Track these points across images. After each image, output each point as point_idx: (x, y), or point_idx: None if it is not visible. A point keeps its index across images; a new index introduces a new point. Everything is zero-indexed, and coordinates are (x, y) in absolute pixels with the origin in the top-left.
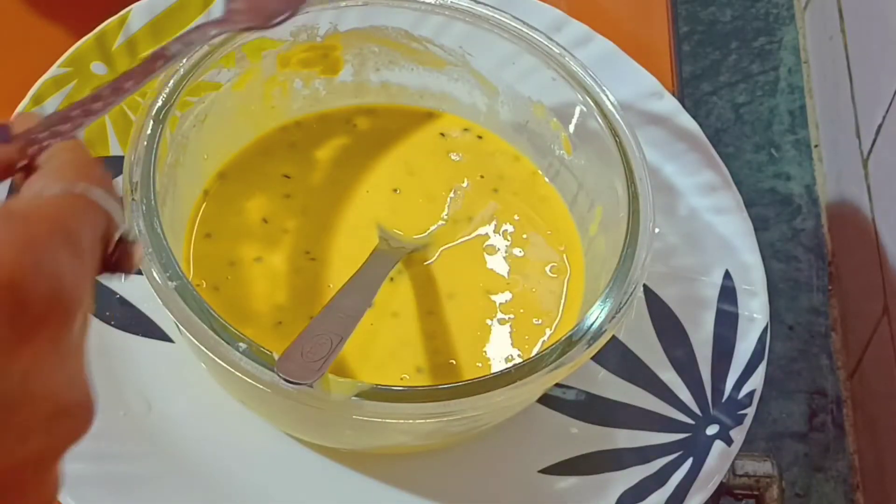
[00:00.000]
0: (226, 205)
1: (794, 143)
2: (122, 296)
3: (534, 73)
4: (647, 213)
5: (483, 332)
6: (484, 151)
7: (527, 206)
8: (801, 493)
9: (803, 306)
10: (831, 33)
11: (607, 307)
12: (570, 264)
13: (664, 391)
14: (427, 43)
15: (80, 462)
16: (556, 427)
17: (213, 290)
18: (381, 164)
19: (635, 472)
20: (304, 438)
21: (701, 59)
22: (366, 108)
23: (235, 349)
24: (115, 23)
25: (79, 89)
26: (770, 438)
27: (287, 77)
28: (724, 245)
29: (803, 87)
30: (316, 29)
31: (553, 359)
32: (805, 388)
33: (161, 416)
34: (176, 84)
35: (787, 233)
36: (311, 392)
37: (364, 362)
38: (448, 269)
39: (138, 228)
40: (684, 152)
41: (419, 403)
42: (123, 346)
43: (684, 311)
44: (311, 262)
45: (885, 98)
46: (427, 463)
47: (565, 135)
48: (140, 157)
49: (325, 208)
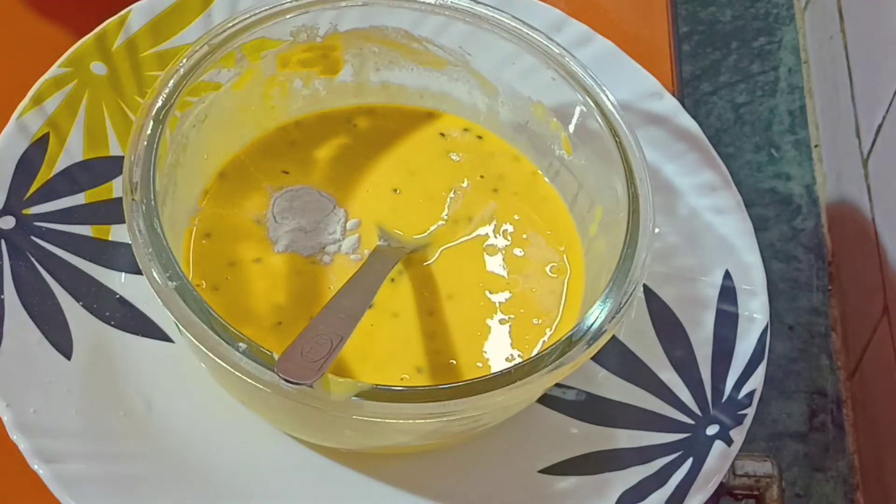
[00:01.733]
0: (226, 205)
1: (794, 143)
2: (122, 296)
3: (534, 73)
4: (647, 213)
5: (483, 333)
6: (484, 151)
7: (527, 206)
8: (801, 493)
9: (803, 306)
10: (831, 33)
11: (607, 307)
12: (570, 264)
13: (664, 391)
14: (427, 43)
15: (80, 462)
16: (556, 427)
17: (213, 290)
18: (381, 164)
19: (635, 472)
20: (304, 438)
21: (701, 59)
22: (366, 108)
23: (235, 349)
24: (115, 23)
25: (79, 89)
26: (770, 438)
27: (287, 77)
28: (724, 245)
29: (803, 87)
30: (316, 29)
31: (553, 359)
32: (805, 388)
33: (161, 416)
34: (176, 84)
35: (787, 233)
36: (311, 392)
37: (364, 362)
38: (448, 270)
39: (138, 228)
40: (684, 152)
41: (419, 403)
42: (123, 346)
43: (684, 311)
44: (311, 262)
45: (885, 98)
46: (427, 463)
47: (565, 135)
48: (140, 157)
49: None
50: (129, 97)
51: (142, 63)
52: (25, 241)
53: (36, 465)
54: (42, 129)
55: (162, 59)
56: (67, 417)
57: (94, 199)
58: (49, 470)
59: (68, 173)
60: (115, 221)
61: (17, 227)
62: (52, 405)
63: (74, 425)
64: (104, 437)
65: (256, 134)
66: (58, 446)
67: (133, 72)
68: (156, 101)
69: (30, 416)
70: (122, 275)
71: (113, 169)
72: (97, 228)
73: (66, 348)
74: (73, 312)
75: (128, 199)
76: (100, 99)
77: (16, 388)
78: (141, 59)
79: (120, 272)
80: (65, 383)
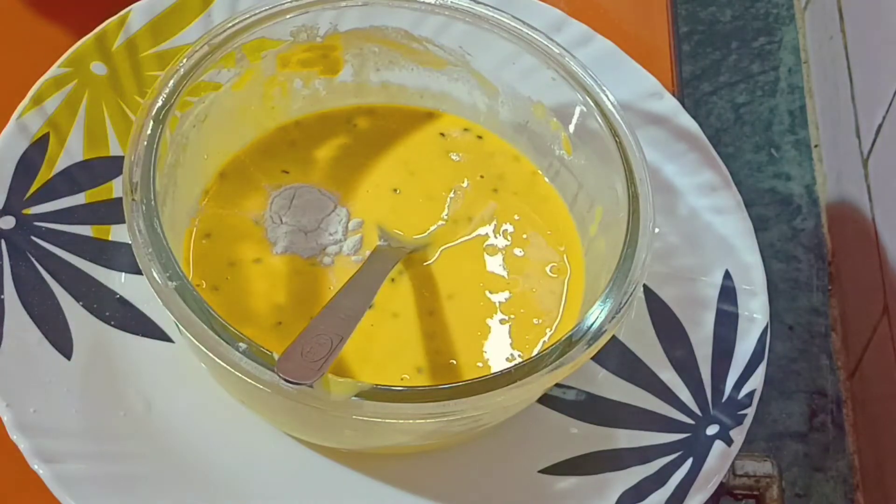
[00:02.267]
0: (226, 205)
1: (794, 143)
2: (122, 296)
3: (534, 73)
4: (647, 213)
5: (483, 333)
6: (484, 151)
7: (527, 206)
8: (801, 493)
9: (803, 306)
10: (831, 33)
11: (607, 307)
12: (570, 264)
13: (664, 391)
14: (427, 43)
15: (80, 462)
16: (556, 427)
17: (213, 290)
18: (381, 164)
19: (635, 472)
20: (304, 438)
21: (701, 59)
22: (366, 108)
23: (235, 349)
24: (115, 23)
25: (79, 89)
26: (770, 438)
27: (287, 77)
28: (724, 245)
29: (803, 87)
30: (316, 29)
31: (553, 359)
32: (805, 388)
33: (161, 416)
34: (176, 84)
35: (787, 233)
36: (311, 392)
37: (364, 362)
38: (448, 270)
39: (138, 228)
40: (684, 152)
41: (419, 403)
42: (123, 346)
43: (684, 311)
44: (311, 263)
45: (885, 98)
46: (427, 463)
47: (565, 135)
48: (140, 157)
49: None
50: (129, 97)
51: (142, 63)
52: (25, 241)
53: (36, 465)
54: (42, 129)
55: (162, 59)
56: (67, 417)
57: (94, 199)
58: (49, 470)
59: (68, 173)
60: (115, 221)
61: (17, 227)
62: (52, 405)
63: (74, 425)
64: (104, 437)
65: (256, 134)
66: (58, 446)
67: (133, 72)
68: (156, 101)
69: (30, 416)
70: (122, 275)
71: (113, 169)
72: (97, 228)
73: (66, 348)
74: (73, 312)
75: (128, 199)
76: (100, 99)
77: (16, 388)
78: (141, 59)
79: (120, 272)
80: (65, 383)
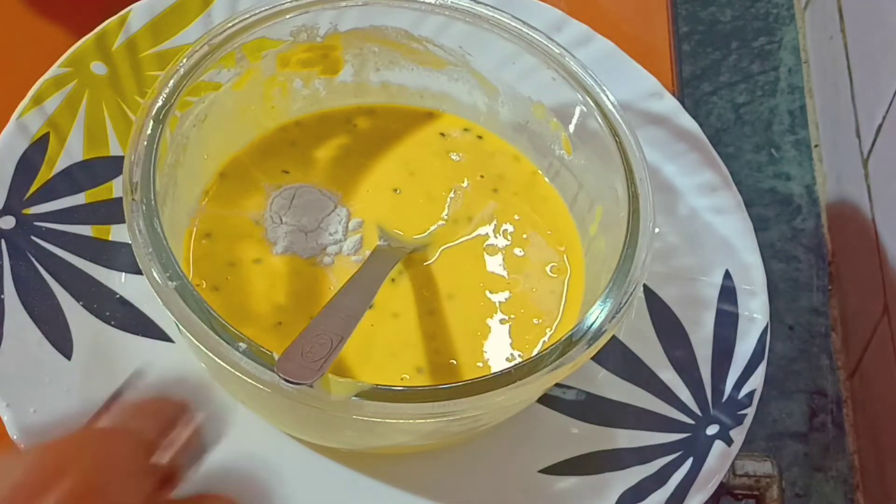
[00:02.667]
0: (226, 205)
1: (794, 143)
2: (122, 296)
3: (534, 73)
4: (647, 213)
5: (483, 333)
6: (484, 151)
7: (527, 206)
8: (801, 493)
9: (803, 306)
10: (831, 33)
11: (607, 307)
12: (570, 264)
13: (664, 391)
14: (427, 43)
15: None
16: (556, 427)
17: (213, 290)
18: (381, 164)
19: (635, 472)
20: (304, 438)
21: (701, 59)
22: (366, 108)
23: (235, 349)
24: (115, 23)
25: (79, 89)
26: (770, 438)
27: (287, 77)
28: (724, 245)
29: (803, 87)
30: (316, 29)
31: (553, 359)
32: (805, 388)
33: None
34: (176, 84)
35: (787, 233)
36: (311, 392)
37: (364, 362)
38: (448, 270)
39: (138, 228)
40: (684, 152)
41: (419, 403)
42: (123, 346)
43: (684, 311)
44: (311, 264)
45: (885, 98)
46: (427, 463)
47: (565, 135)
48: (140, 157)
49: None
50: (129, 97)
51: (142, 63)
52: (25, 241)
53: None
54: (42, 129)
55: (162, 59)
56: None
57: (94, 199)
58: None
59: (68, 173)
60: (115, 221)
61: (17, 227)
62: (52, 405)
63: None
64: None
65: (256, 134)
66: None
67: (133, 72)
68: (156, 101)
69: (30, 416)
70: (122, 275)
71: (113, 169)
72: (97, 228)
73: (66, 348)
74: (73, 312)
75: (128, 199)
76: (100, 99)
77: (16, 388)
78: (141, 59)
79: (120, 272)
80: (65, 383)
